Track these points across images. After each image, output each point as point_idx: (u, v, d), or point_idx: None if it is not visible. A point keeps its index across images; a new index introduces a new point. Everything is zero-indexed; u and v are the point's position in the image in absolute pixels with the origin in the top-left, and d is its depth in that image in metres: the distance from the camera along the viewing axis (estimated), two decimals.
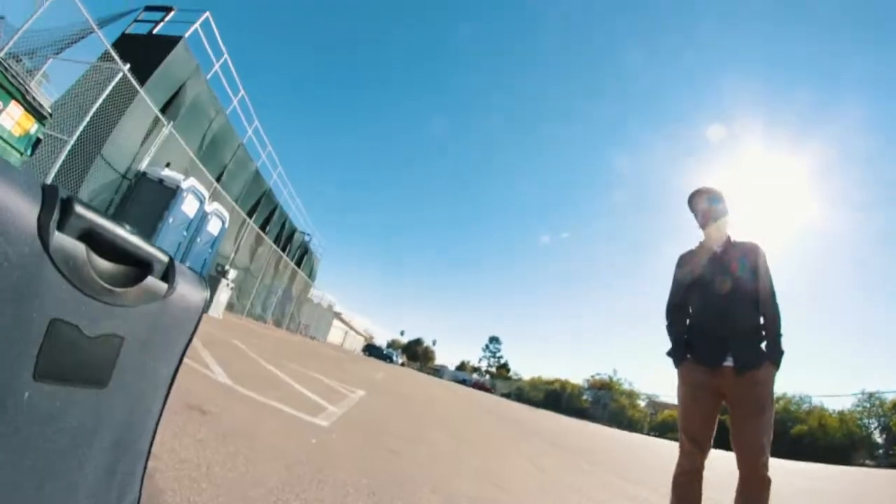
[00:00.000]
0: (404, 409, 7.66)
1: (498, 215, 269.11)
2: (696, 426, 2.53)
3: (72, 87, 9.45)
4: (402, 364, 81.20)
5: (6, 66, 5.10)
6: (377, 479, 2.78)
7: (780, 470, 2.44)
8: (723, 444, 2.46)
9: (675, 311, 2.81)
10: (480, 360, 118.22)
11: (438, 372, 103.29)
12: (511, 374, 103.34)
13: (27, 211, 0.54)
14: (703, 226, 2.80)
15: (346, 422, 4.42)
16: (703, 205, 2.78)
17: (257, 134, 18.81)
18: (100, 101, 8.33)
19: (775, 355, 2.48)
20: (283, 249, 25.11)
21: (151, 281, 0.71)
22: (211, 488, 1.84)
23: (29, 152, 5.70)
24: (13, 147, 5.46)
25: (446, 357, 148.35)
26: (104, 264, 0.64)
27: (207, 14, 13.02)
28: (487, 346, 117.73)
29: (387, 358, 57.60)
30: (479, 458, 4.87)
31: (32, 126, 5.59)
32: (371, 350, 61.01)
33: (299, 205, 27.41)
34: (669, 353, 2.75)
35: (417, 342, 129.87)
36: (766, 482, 2.39)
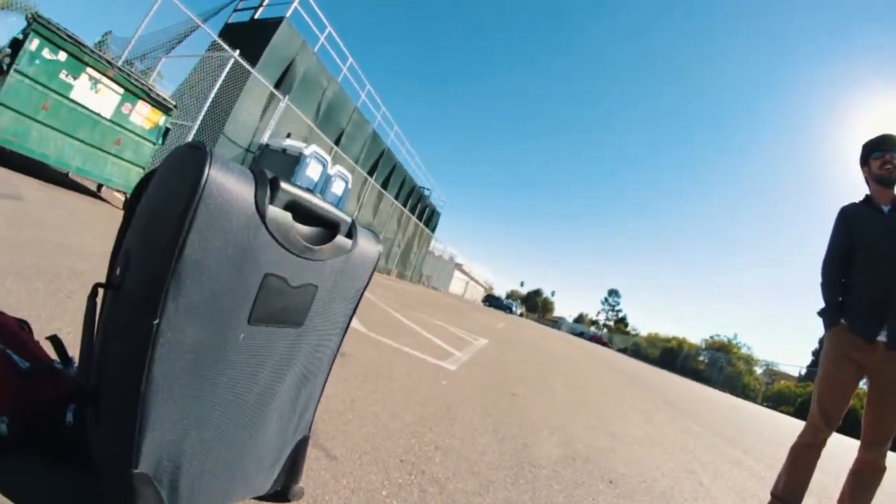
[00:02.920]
0: (524, 358, 7.87)
1: (628, 167, 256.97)
2: (831, 397, 2.39)
3: (187, 78, 10.51)
4: (521, 314, 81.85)
5: (129, 71, 5.86)
6: (500, 419, 2.99)
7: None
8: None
9: (833, 270, 2.56)
10: (599, 312, 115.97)
11: (556, 323, 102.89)
12: (629, 328, 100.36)
13: (246, 192, 0.72)
14: (880, 181, 2.43)
15: (472, 367, 4.71)
16: (892, 157, 2.40)
17: (370, 97, 19.37)
18: (216, 86, 9.12)
19: None
20: (404, 204, 26.06)
21: (340, 238, 0.91)
22: (355, 419, 2.12)
23: (161, 141, 6.55)
24: (146, 139, 6.33)
25: (564, 308, 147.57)
26: (304, 228, 0.84)
27: None
28: (606, 300, 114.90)
29: (506, 308, 58.37)
30: (594, 408, 4.95)
31: (161, 118, 6.43)
32: (491, 300, 62.05)
33: (418, 161, 28.07)
34: (821, 314, 2.55)
35: (537, 293, 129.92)
36: (882, 471, 2.28)
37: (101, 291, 0.80)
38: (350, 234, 0.94)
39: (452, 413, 2.76)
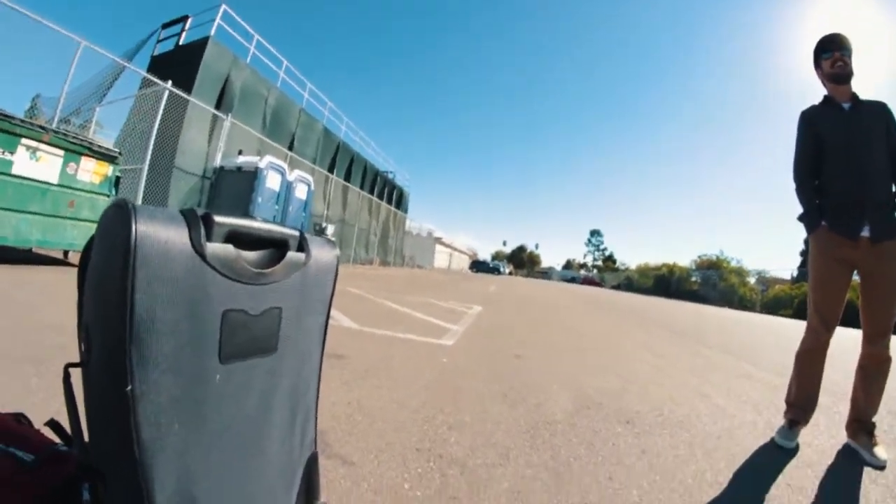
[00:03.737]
0: (521, 316, 7.97)
1: (584, 102, 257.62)
2: (826, 300, 2.42)
3: (126, 121, 10.24)
4: (510, 273, 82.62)
5: (64, 132, 5.67)
6: (507, 384, 3.03)
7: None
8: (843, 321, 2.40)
9: (805, 174, 2.55)
10: (585, 255, 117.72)
11: (546, 275, 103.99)
12: (618, 265, 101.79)
13: (180, 236, 0.69)
14: (834, 79, 2.46)
15: (470, 337, 4.75)
16: (842, 55, 2.43)
17: (314, 95, 19.20)
18: (157, 122, 8.98)
19: None
20: (371, 192, 25.87)
21: (291, 255, 0.88)
22: (365, 419, 2.12)
23: (114, 192, 6.35)
24: (99, 193, 6.13)
25: (551, 258, 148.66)
26: (250, 254, 0.81)
27: (223, 7, 13.12)
28: (590, 240, 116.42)
29: (494, 270, 58.95)
30: (599, 352, 5.04)
31: (108, 169, 6.21)
32: (477, 266, 62.49)
33: (374, 147, 27.80)
34: (801, 219, 2.56)
35: (521, 249, 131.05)
36: (888, 361, 2.33)
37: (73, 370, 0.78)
38: (301, 248, 0.92)
39: (458, 389, 2.78)
